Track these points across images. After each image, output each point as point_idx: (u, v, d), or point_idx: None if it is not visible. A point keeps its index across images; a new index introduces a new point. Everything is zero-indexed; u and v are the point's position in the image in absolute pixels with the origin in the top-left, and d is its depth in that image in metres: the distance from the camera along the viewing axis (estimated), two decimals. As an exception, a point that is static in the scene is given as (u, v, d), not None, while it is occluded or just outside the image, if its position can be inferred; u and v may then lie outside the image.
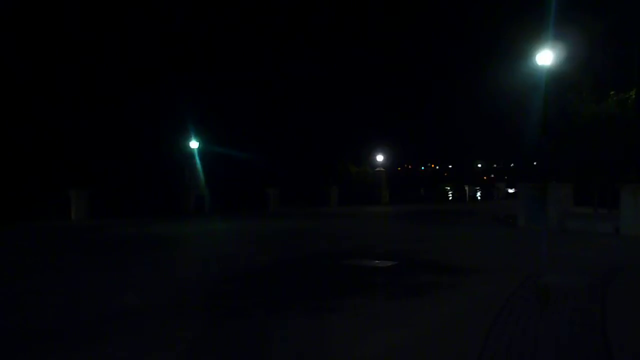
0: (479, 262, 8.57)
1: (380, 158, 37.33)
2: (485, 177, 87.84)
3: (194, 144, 28.55)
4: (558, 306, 5.47)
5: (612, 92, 16.97)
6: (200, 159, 28.53)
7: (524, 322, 4.80)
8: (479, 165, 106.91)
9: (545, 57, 14.98)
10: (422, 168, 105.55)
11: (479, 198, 43.58)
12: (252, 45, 39.41)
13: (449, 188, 46.95)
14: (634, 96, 16.09)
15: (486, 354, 3.97)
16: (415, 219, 20.08)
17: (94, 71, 29.73)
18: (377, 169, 36.14)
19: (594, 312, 5.13)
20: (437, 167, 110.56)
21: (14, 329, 5.03)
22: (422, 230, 15.36)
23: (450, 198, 43.77)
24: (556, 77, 16.08)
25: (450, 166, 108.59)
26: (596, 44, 17.12)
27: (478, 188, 46.38)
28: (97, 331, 4.84)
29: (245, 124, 35.45)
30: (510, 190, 42.13)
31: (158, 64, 32.76)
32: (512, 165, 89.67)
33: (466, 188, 42.44)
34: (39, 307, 5.90)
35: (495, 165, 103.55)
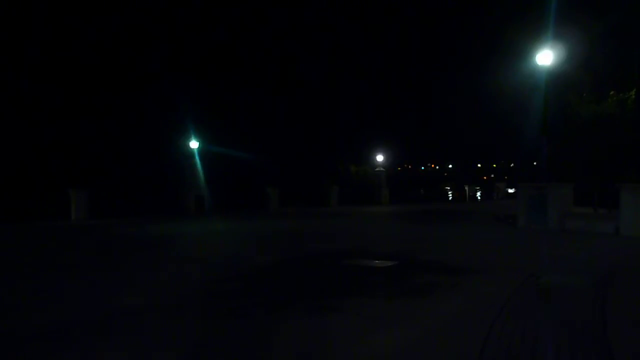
0: (479, 262, 8.57)
1: (380, 158, 37.30)
2: (485, 177, 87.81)
3: (194, 144, 28.54)
4: (558, 306, 5.47)
5: (612, 92, 16.98)
6: (200, 159, 28.50)
7: (524, 322, 4.80)
8: (479, 165, 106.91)
9: (545, 57, 14.97)
10: (422, 168, 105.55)
11: (479, 198, 43.58)
12: (252, 45, 39.40)
13: (449, 188, 46.96)
14: (634, 96, 16.12)
15: (486, 354, 3.97)
16: (415, 219, 20.08)
17: (94, 71, 29.72)
18: (377, 169, 36.12)
19: (594, 312, 5.13)
20: (437, 167, 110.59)
21: (14, 329, 5.02)
22: (422, 230, 15.36)
23: (450, 198, 43.77)
24: (556, 77, 16.07)
25: (450, 166, 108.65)
26: (596, 44, 17.12)
27: (478, 188, 46.36)
28: (97, 331, 4.83)
29: (245, 124, 35.46)
30: (510, 190, 42.11)
31: (158, 64, 32.76)
32: (512, 165, 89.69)
33: (466, 188, 42.42)
34: (39, 307, 5.90)
35: (495, 165, 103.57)
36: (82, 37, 29.28)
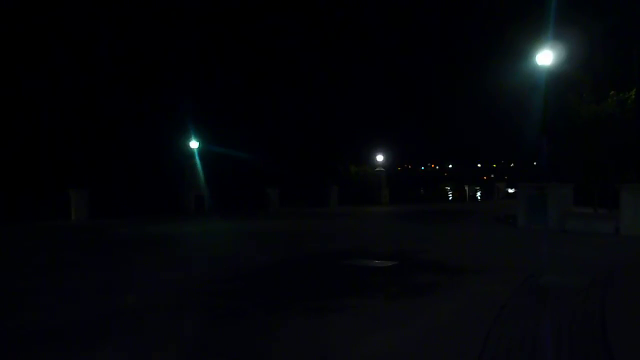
0: (479, 262, 8.58)
1: (380, 158, 37.27)
2: (485, 177, 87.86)
3: (194, 144, 28.54)
4: (558, 306, 5.47)
5: (612, 92, 16.96)
6: (200, 159, 28.47)
7: (524, 322, 4.80)
8: (479, 165, 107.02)
9: (545, 57, 14.97)
10: (422, 168, 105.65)
11: (479, 198, 43.61)
12: (251, 44, 39.37)
13: (449, 188, 47.00)
14: (634, 96, 16.09)
15: (486, 354, 3.97)
16: (415, 219, 20.08)
17: (93, 71, 29.71)
18: (377, 169, 36.10)
19: (594, 312, 5.13)
20: (437, 167, 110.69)
21: (14, 329, 5.02)
22: (422, 230, 15.36)
23: (450, 198, 43.82)
24: (556, 77, 16.06)
25: (450, 166, 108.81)
26: (596, 44, 17.11)
27: (478, 188, 46.37)
28: (97, 331, 4.84)
29: (245, 124, 35.43)
30: (510, 190, 42.12)
31: (158, 64, 32.74)
32: (512, 165, 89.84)
33: (466, 188, 42.42)
34: (39, 307, 5.89)
35: (495, 165, 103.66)
36: (82, 37, 29.27)
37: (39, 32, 27.81)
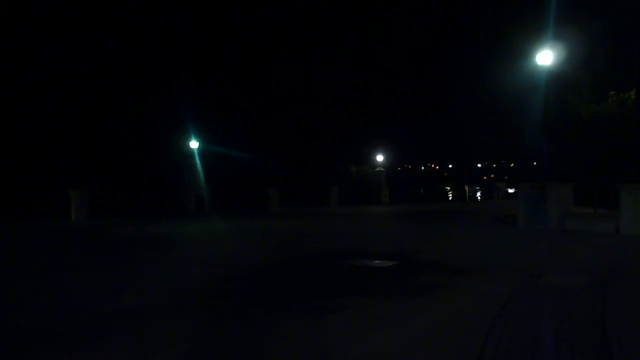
0: (479, 262, 8.57)
1: (380, 158, 37.29)
2: (485, 177, 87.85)
3: (194, 144, 28.54)
4: (558, 306, 5.47)
5: (612, 92, 16.98)
6: (200, 159, 28.48)
7: (525, 323, 4.80)
8: (479, 165, 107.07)
9: (545, 57, 14.97)
10: (422, 168, 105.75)
11: (479, 198, 43.59)
12: (252, 44, 39.41)
13: (449, 188, 47.02)
14: (634, 96, 16.12)
15: (487, 354, 3.97)
16: (415, 219, 20.08)
17: (94, 71, 29.73)
18: (377, 169, 36.12)
19: (594, 312, 5.13)
20: (437, 167, 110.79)
21: (14, 329, 5.02)
22: (422, 230, 15.36)
23: (450, 198, 43.83)
24: (556, 77, 16.07)
25: (450, 166, 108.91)
26: (596, 44, 17.13)
27: (478, 188, 46.34)
28: (97, 331, 4.83)
29: (245, 124, 35.44)
30: (510, 190, 42.09)
31: (158, 64, 32.76)
32: (512, 165, 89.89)
33: (466, 188, 42.41)
34: (39, 307, 5.90)
35: (495, 165, 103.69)
36: (82, 36, 29.28)
37: (38, 31, 27.81)
